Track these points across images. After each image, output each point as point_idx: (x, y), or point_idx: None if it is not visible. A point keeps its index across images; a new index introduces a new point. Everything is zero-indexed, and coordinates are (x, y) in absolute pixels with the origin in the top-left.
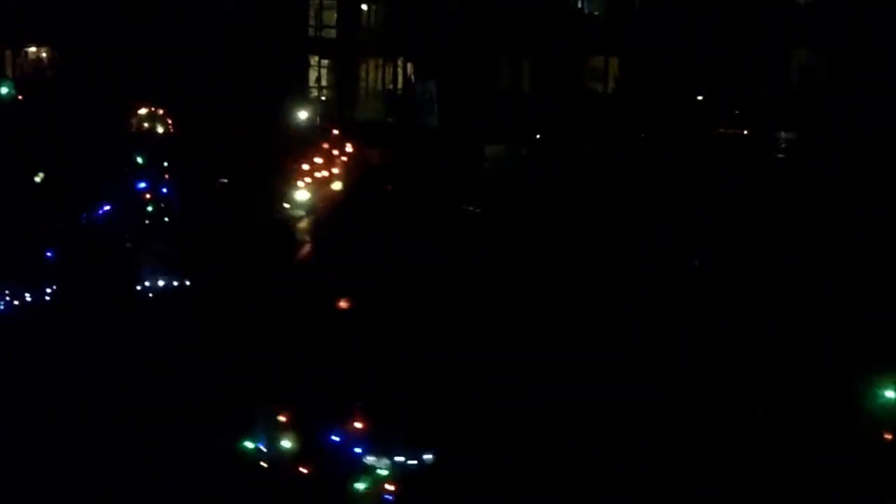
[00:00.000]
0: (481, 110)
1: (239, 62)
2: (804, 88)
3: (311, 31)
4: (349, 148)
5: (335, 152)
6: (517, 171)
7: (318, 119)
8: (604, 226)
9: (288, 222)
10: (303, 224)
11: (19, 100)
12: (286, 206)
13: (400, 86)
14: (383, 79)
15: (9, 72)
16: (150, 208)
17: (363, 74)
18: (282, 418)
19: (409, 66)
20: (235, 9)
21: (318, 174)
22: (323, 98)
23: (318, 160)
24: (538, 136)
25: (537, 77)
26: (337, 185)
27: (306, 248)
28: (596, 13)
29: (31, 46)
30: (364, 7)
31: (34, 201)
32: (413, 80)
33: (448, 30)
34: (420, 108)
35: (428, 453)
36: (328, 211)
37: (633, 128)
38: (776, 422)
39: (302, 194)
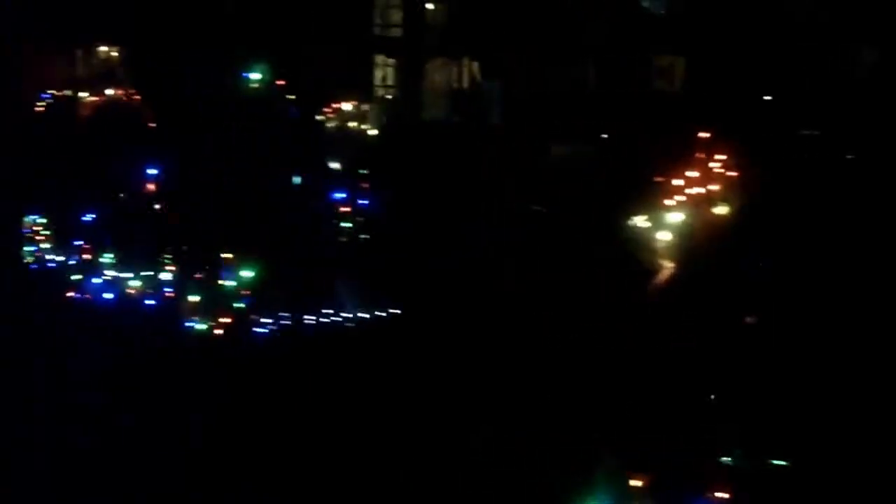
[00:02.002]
0: (547, 110)
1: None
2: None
3: (376, 30)
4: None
5: (712, 165)
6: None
7: (384, 119)
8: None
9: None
10: (664, 249)
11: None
12: (642, 224)
13: (465, 85)
14: (448, 78)
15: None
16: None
17: (428, 74)
18: (637, 483)
19: (474, 65)
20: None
21: (692, 191)
22: (388, 97)
23: (694, 174)
24: (604, 136)
25: (603, 76)
26: (722, 208)
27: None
28: (662, 12)
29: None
30: (430, 6)
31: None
32: (478, 79)
33: (513, 29)
34: (486, 107)
35: None
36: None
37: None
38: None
39: (675, 215)
